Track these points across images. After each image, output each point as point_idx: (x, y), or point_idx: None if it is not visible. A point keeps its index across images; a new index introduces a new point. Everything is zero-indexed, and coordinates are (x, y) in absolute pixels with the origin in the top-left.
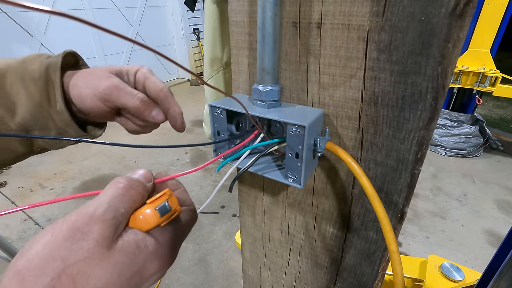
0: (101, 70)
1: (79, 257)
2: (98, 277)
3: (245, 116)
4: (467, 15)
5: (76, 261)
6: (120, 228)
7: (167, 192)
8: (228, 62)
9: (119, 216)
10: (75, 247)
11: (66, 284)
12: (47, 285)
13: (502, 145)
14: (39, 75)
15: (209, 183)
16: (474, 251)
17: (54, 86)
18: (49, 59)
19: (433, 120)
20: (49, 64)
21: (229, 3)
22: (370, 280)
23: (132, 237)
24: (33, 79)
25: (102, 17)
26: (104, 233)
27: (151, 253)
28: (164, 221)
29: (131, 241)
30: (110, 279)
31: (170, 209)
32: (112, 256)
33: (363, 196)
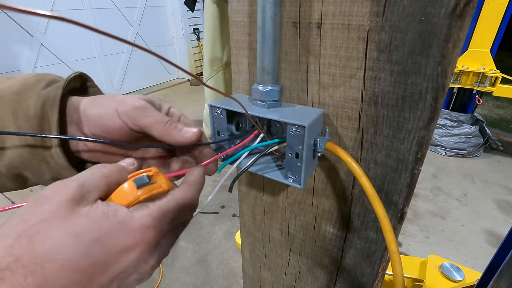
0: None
1: (40, 218)
2: (54, 238)
3: (245, 116)
4: (467, 15)
5: (36, 222)
6: (88, 196)
7: (152, 169)
8: (228, 62)
9: (87, 185)
10: (38, 210)
11: (24, 244)
12: (7, 245)
13: (502, 145)
14: (34, 112)
15: (208, 183)
16: (474, 251)
17: (50, 126)
18: (48, 91)
19: (433, 120)
20: (46, 98)
21: (229, 3)
22: (370, 280)
23: (101, 206)
24: (26, 117)
25: (102, 17)
26: (67, 196)
27: (119, 223)
28: (144, 195)
29: (98, 209)
30: (66, 241)
31: (149, 181)
32: (72, 219)
33: (363, 196)
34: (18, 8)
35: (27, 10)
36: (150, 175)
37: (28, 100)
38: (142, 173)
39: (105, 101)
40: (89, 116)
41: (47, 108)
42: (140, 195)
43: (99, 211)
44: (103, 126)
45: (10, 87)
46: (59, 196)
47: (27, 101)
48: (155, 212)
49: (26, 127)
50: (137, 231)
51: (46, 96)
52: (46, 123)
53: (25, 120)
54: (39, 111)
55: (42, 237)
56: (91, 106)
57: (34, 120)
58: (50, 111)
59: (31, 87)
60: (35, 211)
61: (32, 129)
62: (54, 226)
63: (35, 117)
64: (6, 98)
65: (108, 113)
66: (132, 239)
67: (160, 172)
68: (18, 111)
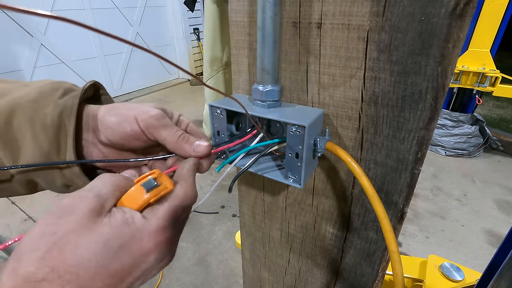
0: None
1: (67, 229)
2: (85, 248)
3: (245, 116)
4: (467, 15)
5: (65, 234)
6: (106, 205)
7: (156, 171)
8: (228, 62)
9: (103, 194)
10: (63, 221)
11: (56, 255)
12: (39, 258)
13: (502, 145)
14: (51, 121)
15: (208, 183)
16: (474, 251)
17: (67, 135)
18: (64, 100)
19: (433, 120)
20: (64, 107)
21: (229, 3)
22: (370, 280)
23: (119, 214)
24: (43, 125)
25: (102, 17)
26: (88, 207)
27: (139, 228)
28: (153, 197)
29: (118, 217)
30: (97, 250)
31: (157, 184)
32: (98, 228)
33: (363, 196)
34: (18, 8)
35: (27, 10)
36: (155, 178)
37: (45, 108)
38: (148, 176)
39: (123, 110)
40: (108, 123)
41: (64, 118)
42: (150, 198)
43: (119, 220)
44: (121, 133)
45: (28, 94)
46: (81, 207)
47: (44, 109)
48: (167, 213)
49: (43, 135)
50: (155, 234)
51: (64, 106)
52: (62, 132)
53: (42, 128)
54: (56, 120)
55: (73, 247)
56: (109, 114)
57: (51, 129)
58: (67, 121)
59: (47, 95)
60: (60, 223)
61: (48, 137)
62: (83, 236)
63: (52, 126)
64: (24, 106)
65: (128, 120)
66: (152, 242)
67: (162, 173)
68: (35, 120)
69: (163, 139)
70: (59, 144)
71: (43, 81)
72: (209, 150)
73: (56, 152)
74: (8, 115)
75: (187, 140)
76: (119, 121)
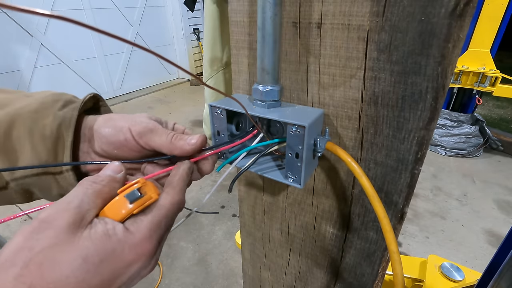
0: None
1: (45, 244)
2: (63, 263)
3: (245, 116)
4: (467, 15)
5: (42, 249)
6: (88, 217)
7: (140, 180)
8: (228, 62)
9: (85, 205)
10: (41, 236)
11: (33, 272)
12: (16, 274)
13: (502, 145)
14: (50, 132)
15: (208, 183)
16: (474, 251)
17: (64, 146)
18: (64, 112)
19: (433, 120)
20: (63, 119)
21: (229, 3)
22: (370, 280)
23: (101, 225)
24: (42, 136)
25: (102, 17)
26: (68, 220)
27: (120, 241)
28: (136, 208)
29: (99, 229)
30: (75, 265)
31: (141, 195)
32: (78, 242)
33: (363, 196)
34: (18, 7)
35: (27, 9)
36: (139, 187)
37: (45, 119)
38: (132, 185)
39: (118, 121)
40: (102, 134)
41: (62, 129)
42: (133, 209)
43: (99, 232)
44: (115, 143)
45: (29, 105)
46: (59, 220)
47: (44, 120)
48: (150, 224)
49: (41, 145)
50: (137, 246)
51: (63, 117)
52: (60, 143)
53: (41, 139)
54: (55, 131)
55: (50, 263)
56: (104, 125)
57: (49, 140)
58: (66, 132)
59: (48, 106)
60: (37, 237)
61: (46, 148)
62: (61, 252)
63: (51, 137)
64: (24, 117)
65: (122, 131)
66: (134, 254)
67: (147, 181)
68: (34, 130)
69: (158, 145)
70: (56, 155)
71: (45, 92)
72: (203, 140)
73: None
74: (8, 126)
75: (181, 138)
76: (113, 131)
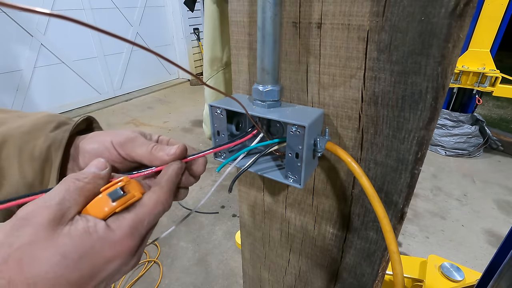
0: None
1: (24, 240)
2: (44, 259)
3: (245, 116)
4: (467, 15)
5: (21, 245)
6: (68, 214)
7: (124, 179)
8: (228, 62)
9: (66, 202)
10: (21, 233)
11: (12, 267)
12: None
13: (502, 145)
14: (39, 153)
15: (208, 183)
16: (474, 251)
17: (52, 167)
18: (56, 133)
19: (433, 120)
20: (53, 140)
21: (229, 3)
22: (370, 280)
23: (81, 222)
24: (31, 157)
25: (102, 17)
26: (48, 216)
27: (101, 238)
28: (119, 207)
29: (79, 226)
30: (54, 261)
31: (123, 194)
32: (57, 239)
33: (363, 196)
34: (19, 6)
35: (28, 8)
36: (123, 186)
37: (36, 140)
38: (116, 183)
39: (101, 135)
40: (86, 149)
41: (52, 151)
42: (115, 207)
43: (80, 228)
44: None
45: (22, 126)
46: (39, 217)
47: (35, 141)
48: (132, 222)
49: (29, 166)
50: (117, 243)
51: (54, 139)
52: (48, 165)
53: (29, 159)
54: (44, 152)
55: (29, 260)
56: (88, 142)
57: (38, 161)
58: (54, 153)
59: (41, 127)
60: (17, 234)
61: (33, 169)
62: (40, 249)
63: (39, 158)
64: (16, 137)
65: (105, 146)
66: (114, 251)
67: (131, 180)
68: (24, 150)
69: (139, 156)
70: (43, 176)
71: (40, 114)
72: (182, 149)
73: (39, 183)
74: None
75: (161, 149)
76: (95, 145)
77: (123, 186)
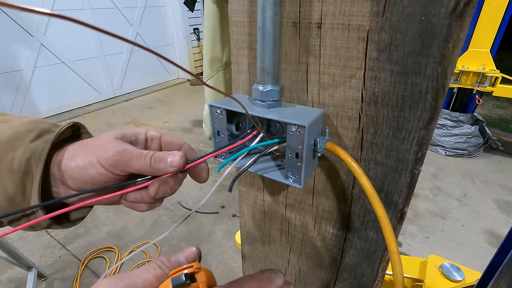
0: (105, 137)
1: None
2: None
3: (245, 116)
4: (467, 15)
5: None
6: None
7: (194, 264)
8: (228, 62)
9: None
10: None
11: None
12: None
13: (502, 145)
14: (19, 166)
15: (208, 183)
16: (474, 251)
17: (33, 180)
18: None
19: (433, 120)
20: (33, 152)
21: (229, 3)
22: (370, 280)
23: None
24: (10, 170)
25: (102, 17)
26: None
27: None
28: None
29: None
30: None
31: (185, 281)
32: None
33: (363, 196)
34: (19, 6)
35: (28, 8)
36: (190, 273)
37: (14, 151)
38: (183, 269)
39: (83, 155)
40: (72, 172)
41: (32, 163)
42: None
43: None
44: (90, 180)
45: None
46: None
47: (14, 152)
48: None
49: (8, 179)
50: None
51: (33, 150)
52: (29, 179)
53: (9, 172)
54: (23, 165)
55: None
56: (71, 162)
57: (18, 174)
58: (35, 167)
59: (21, 136)
60: None
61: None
62: None
63: (19, 171)
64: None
65: (91, 166)
66: None
67: (203, 267)
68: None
69: (137, 170)
70: (24, 189)
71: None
72: (184, 161)
73: (21, 196)
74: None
75: (160, 160)
76: (82, 168)
77: (190, 273)
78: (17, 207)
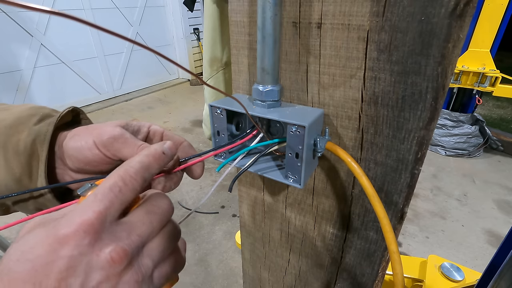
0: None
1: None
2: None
3: (245, 116)
4: (467, 15)
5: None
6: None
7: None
8: (228, 62)
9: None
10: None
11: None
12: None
13: (502, 145)
14: (24, 148)
15: (208, 183)
16: (474, 251)
17: (39, 161)
18: (39, 126)
19: (433, 120)
20: (37, 134)
21: (229, 3)
22: (370, 280)
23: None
24: (16, 152)
25: (102, 17)
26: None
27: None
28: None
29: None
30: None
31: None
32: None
33: (363, 196)
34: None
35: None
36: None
37: (19, 134)
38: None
39: (83, 135)
40: (70, 151)
41: (37, 145)
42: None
43: None
44: (84, 159)
45: (4, 120)
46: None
47: (19, 135)
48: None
49: (15, 161)
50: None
51: (38, 132)
52: (35, 159)
53: (15, 154)
54: (29, 146)
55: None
56: (70, 141)
57: (23, 156)
58: (40, 148)
59: (24, 120)
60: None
61: (20, 163)
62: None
63: (24, 153)
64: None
65: (87, 146)
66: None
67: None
68: (8, 145)
69: (126, 158)
70: (31, 170)
71: (24, 106)
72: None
73: (28, 177)
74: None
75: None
76: (79, 147)
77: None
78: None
